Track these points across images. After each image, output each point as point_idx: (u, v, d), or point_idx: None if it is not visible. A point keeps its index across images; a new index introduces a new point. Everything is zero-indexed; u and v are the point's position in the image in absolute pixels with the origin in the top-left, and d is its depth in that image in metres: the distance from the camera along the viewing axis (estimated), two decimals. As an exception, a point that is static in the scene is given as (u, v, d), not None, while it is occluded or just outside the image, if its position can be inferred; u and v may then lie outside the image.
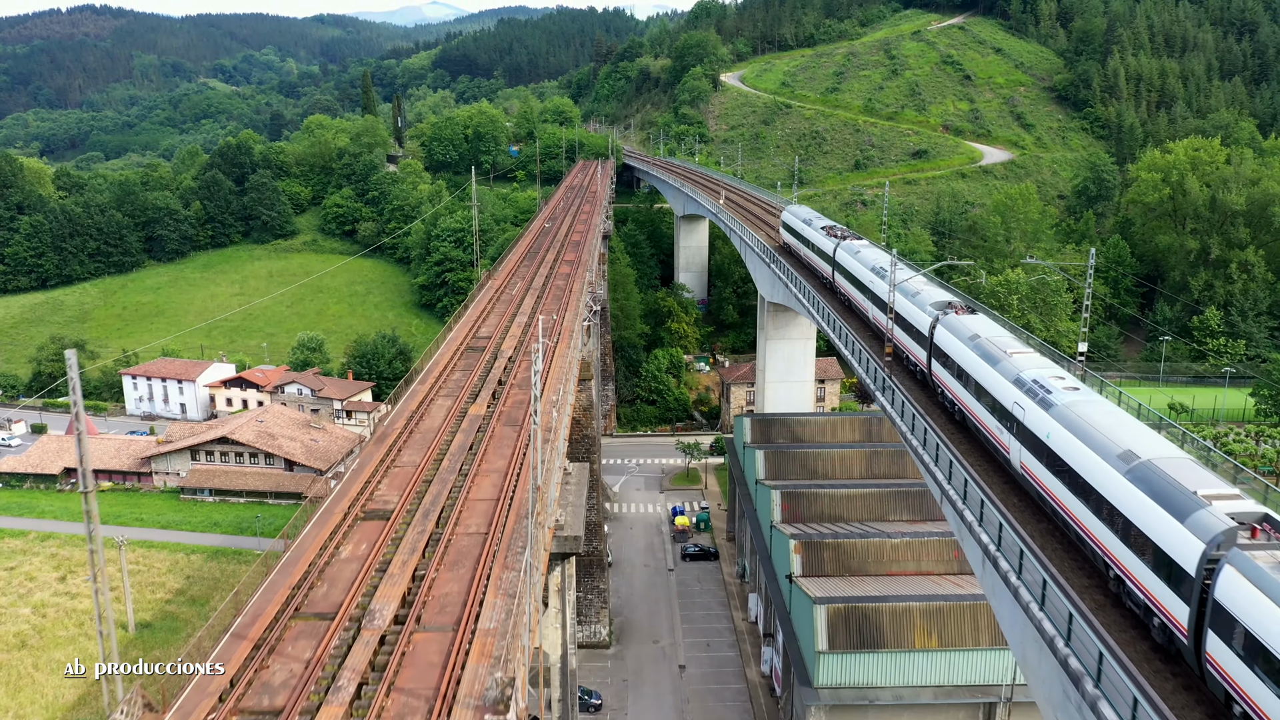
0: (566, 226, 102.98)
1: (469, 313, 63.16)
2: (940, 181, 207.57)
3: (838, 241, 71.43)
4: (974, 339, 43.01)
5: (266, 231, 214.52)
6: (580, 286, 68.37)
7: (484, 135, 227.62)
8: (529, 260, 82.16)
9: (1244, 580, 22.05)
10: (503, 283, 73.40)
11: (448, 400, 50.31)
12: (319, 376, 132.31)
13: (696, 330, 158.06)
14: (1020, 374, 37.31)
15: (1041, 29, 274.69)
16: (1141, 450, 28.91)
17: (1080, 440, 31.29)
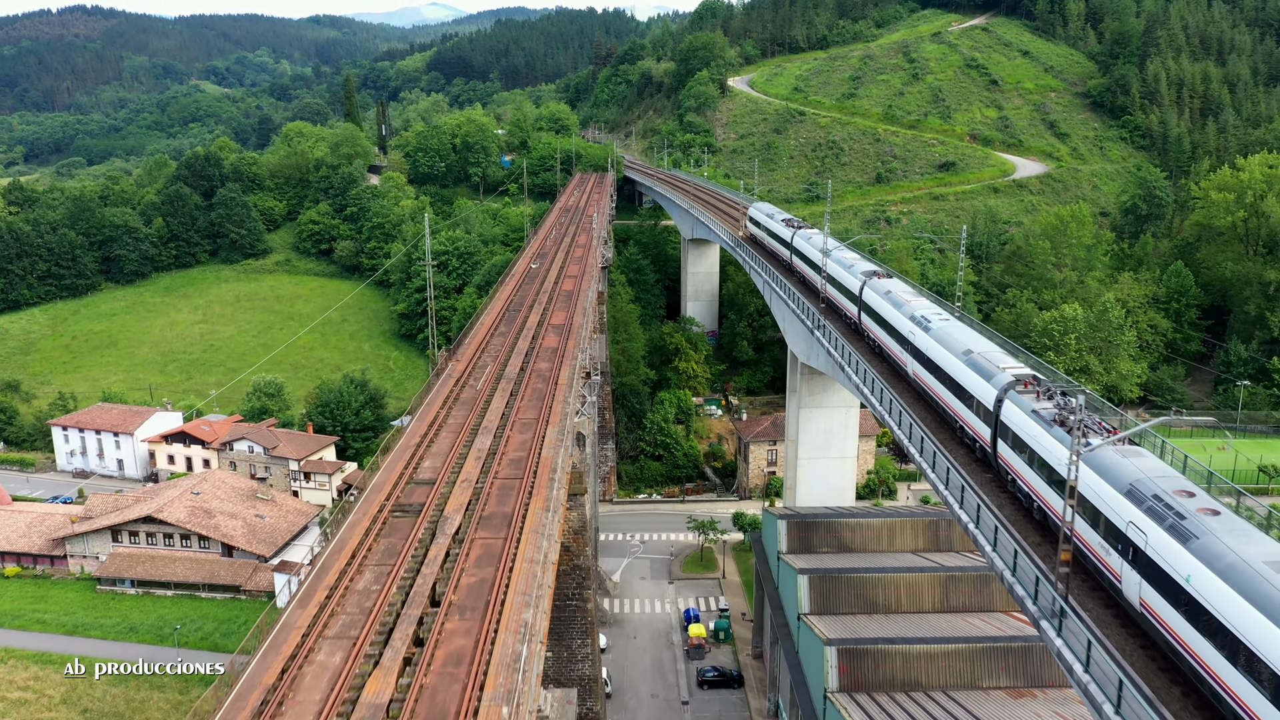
0: (557, 268, 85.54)
1: (411, 431, 44.64)
2: (971, 197, 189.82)
3: (794, 230, 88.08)
4: (888, 294, 59.23)
5: (235, 251, 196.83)
6: (570, 375, 50.72)
7: (473, 145, 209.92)
8: (506, 323, 64.50)
9: (1014, 408, 39.85)
10: (467, 368, 55.60)
11: (336, 653, 28.33)
12: (274, 430, 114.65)
13: (707, 369, 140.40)
14: (914, 313, 54.11)
15: (1070, 30, 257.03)
16: (974, 348, 46.75)
17: (943, 347, 48.64)
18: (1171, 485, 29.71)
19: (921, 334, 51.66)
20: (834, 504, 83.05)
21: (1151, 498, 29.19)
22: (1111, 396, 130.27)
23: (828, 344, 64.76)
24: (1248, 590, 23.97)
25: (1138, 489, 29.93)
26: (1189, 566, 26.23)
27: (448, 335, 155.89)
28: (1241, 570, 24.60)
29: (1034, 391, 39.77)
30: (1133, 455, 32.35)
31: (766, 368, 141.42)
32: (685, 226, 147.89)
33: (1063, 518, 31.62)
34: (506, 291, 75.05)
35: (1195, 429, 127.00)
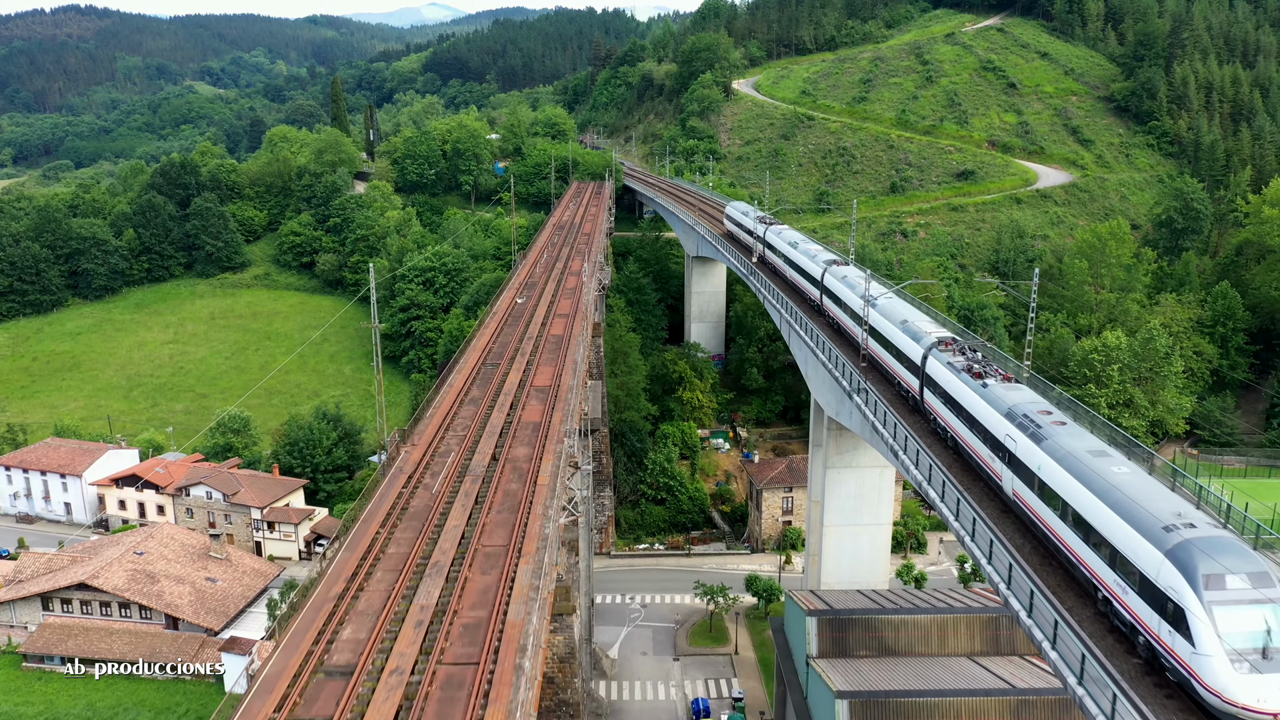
0: (546, 304, 74.11)
1: (335, 572, 31.95)
2: (992, 208, 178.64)
3: (767, 226, 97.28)
4: (844, 279, 70.48)
5: (211, 264, 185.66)
6: (555, 467, 39.45)
7: (464, 152, 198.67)
8: (481, 384, 52.68)
9: (935, 362, 48.91)
10: (424, 457, 42.31)
11: None
12: (235, 474, 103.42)
13: (713, 398, 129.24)
14: (863, 294, 63.39)
15: (1089, 31, 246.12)
16: (908, 319, 56.67)
17: (887, 320, 58.37)
18: (1036, 408, 39.83)
19: (870, 310, 62.44)
20: (864, 577, 72.04)
21: (1021, 416, 39.14)
22: (1156, 432, 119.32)
23: (870, 414, 53.72)
24: (1072, 468, 34.25)
25: (1013, 410, 40.10)
26: (1040, 459, 36.30)
27: (434, 358, 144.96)
28: (1070, 457, 34.82)
29: (951, 350, 50.08)
30: (1014, 389, 43.02)
31: (778, 396, 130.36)
32: (690, 243, 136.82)
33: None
34: (485, 337, 63.70)
35: (1250, 467, 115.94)
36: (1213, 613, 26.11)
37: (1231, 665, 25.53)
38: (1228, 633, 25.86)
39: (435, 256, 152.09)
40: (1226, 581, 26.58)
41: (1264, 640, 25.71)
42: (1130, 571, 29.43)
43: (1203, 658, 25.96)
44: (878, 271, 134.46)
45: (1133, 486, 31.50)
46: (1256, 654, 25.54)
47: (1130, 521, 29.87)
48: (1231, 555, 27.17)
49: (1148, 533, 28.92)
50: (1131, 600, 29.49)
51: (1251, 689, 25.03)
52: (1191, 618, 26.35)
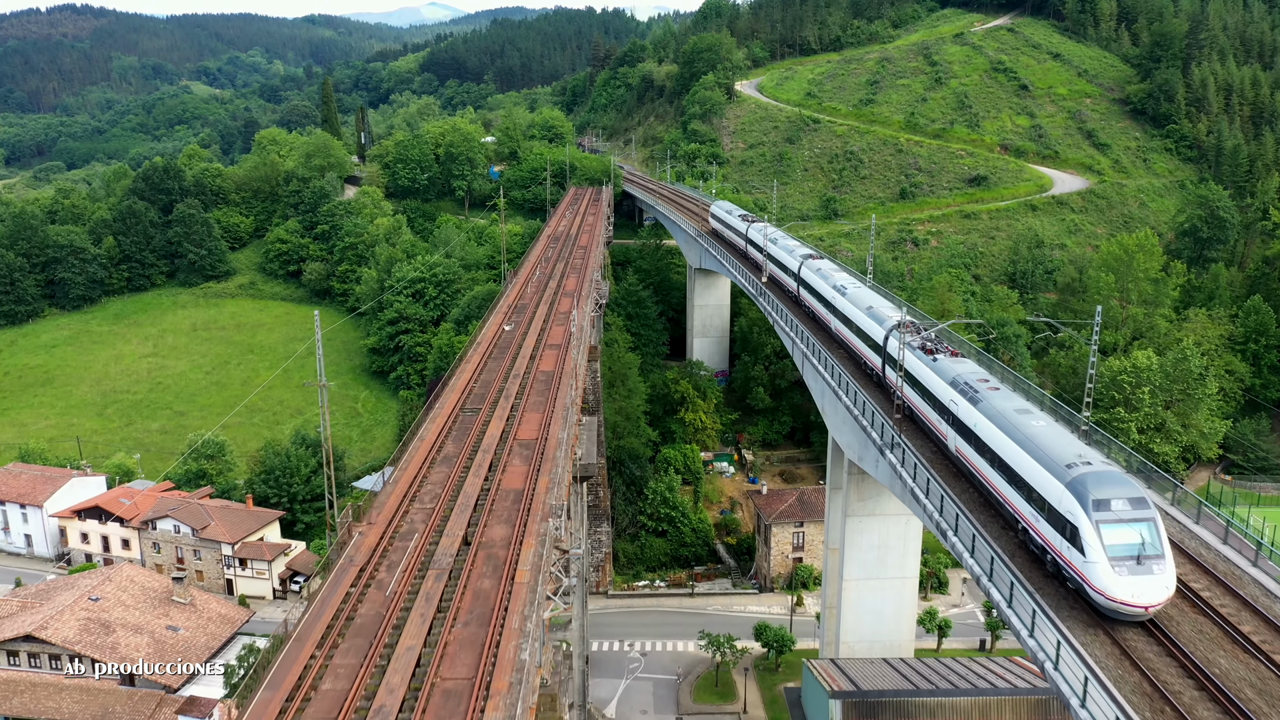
0: (537, 331, 66.99)
1: None
2: (1006, 216, 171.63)
3: (749, 224, 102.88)
4: (818, 270, 75.78)
5: (194, 273, 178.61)
6: (539, 558, 32.30)
7: (457, 156, 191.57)
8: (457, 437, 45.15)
9: (895, 342, 53.06)
10: (379, 544, 34.41)
11: None
12: (205, 505, 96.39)
13: (717, 419, 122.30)
14: (834, 283, 70.33)
15: (1102, 31, 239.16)
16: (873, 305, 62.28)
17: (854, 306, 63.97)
18: (976, 376, 46.97)
19: (840, 297, 67.78)
20: (887, 635, 65.20)
21: (963, 384, 46.29)
22: (1188, 457, 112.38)
23: (910, 479, 46.63)
24: (999, 423, 41.11)
25: (956, 379, 47.03)
26: (976, 418, 43.35)
27: (423, 374, 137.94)
28: (999, 414, 41.71)
29: (910, 331, 53.99)
30: (959, 362, 49.48)
31: (785, 417, 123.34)
32: (692, 254, 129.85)
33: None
34: (466, 374, 56.47)
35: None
36: (1099, 530, 32.15)
37: (1113, 570, 31.65)
38: (1110, 545, 31.93)
39: (425, 267, 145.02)
40: (1111, 505, 32.63)
41: (1139, 550, 31.80)
42: (1041, 503, 35.49)
43: (1091, 565, 32.14)
44: (889, 283, 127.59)
45: (1046, 435, 37.74)
46: (1132, 561, 31.69)
47: (1041, 463, 36.03)
48: (1116, 485, 33.37)
49: (1054, 470, 35.04)
50: (1042, 527, 35.49)
51: (1127, 588, 31.31)
52: (1083, 535, 32.43)
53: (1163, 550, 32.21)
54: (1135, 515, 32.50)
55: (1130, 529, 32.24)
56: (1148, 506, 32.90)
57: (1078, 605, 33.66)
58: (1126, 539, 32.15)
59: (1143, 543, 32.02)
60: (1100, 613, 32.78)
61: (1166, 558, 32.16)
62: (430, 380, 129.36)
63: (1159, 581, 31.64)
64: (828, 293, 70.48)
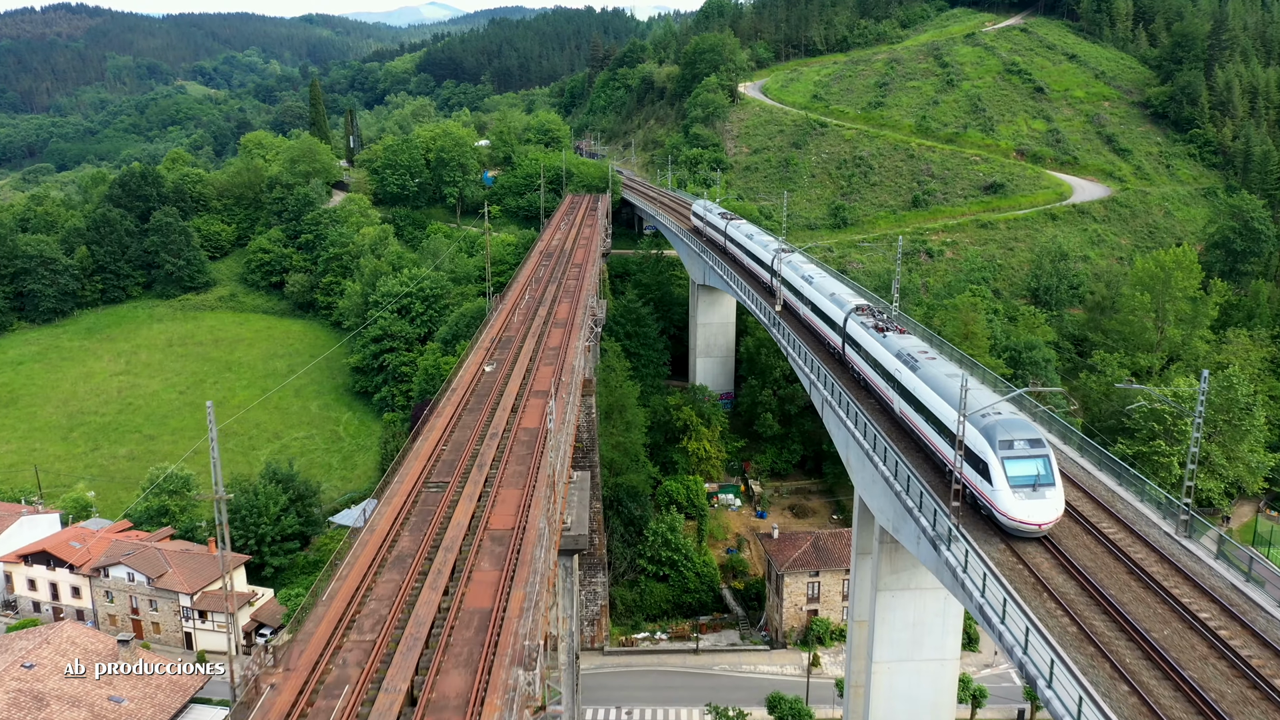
0: (522, 372, 58.34)
1: None
2: (1025, 225, 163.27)
3: (727, 220, 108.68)
4: (790, 263, 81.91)
5: (172, 284, 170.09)
6: (513, 696, 24.10)
7: (449, 161, 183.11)
8: (414, 529, 35.97)
9: (854, 324, 60.78)
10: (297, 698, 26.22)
11: None
12: (164, 550, 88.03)
13: (722, 447, 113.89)
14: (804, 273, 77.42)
15: (1118, 31, 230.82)
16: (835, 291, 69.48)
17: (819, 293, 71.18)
18: (918, 348, 53.99)
19: (804, 283, 75.39)
20: (923, 723, 56.70)
21: (906, 355, 53.13)
22: (1232, 493, 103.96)
23: (971, 584, 37.94)
24: (931, 384, 47.96)
25: (901, 352, 54.06)
26: (914, 382, 50.19)
27: (408, 395, 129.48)
28: (932, 378, 48.42)
29: (866, 313, 63.31)
30: (904, 338, 56.76)
31: (795, 445, 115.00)
32: (695, 270, 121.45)
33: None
34: (435, 435, 47.54)
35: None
36: (1004, 464, 39.74)
37: (1014, 496, 39.33)
38: (1012, 476, 39.54)
39: (412, 281, 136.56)
40: (1013, 445, 40.02)
41: (1034, 480, 39.40)
42: (973, 454, 41.51)
43: (997, 492, 39.85)
44: (904, 297, 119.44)
45: (983, 402, 43.27)
46: (1029, 488, 39.39)
47: (977, 427, 41.38)
48: (1018, 429, 40.80)
49: (971, 419, 41.60)
50: (966, 472, 42.05)
51: (1024, 509, 39.14)
52: (991, 469, 40.11)
53: (1054, 480, 39.55)
54: (1032, 453, 39.81)
55: (1028, 463, 39.54)
56: (1043, 445, 40.36)
57: (990, 529, 41.36)
58: (1025, 471, 39.43)
59: (1038, 474, 39.32)
60: (1006, 532, 40.55)
61: (1057, 486, 39.58)
62: (415, 405, 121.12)
63: (1050, 505, 39.14)
64: (797, 282, 78.65)
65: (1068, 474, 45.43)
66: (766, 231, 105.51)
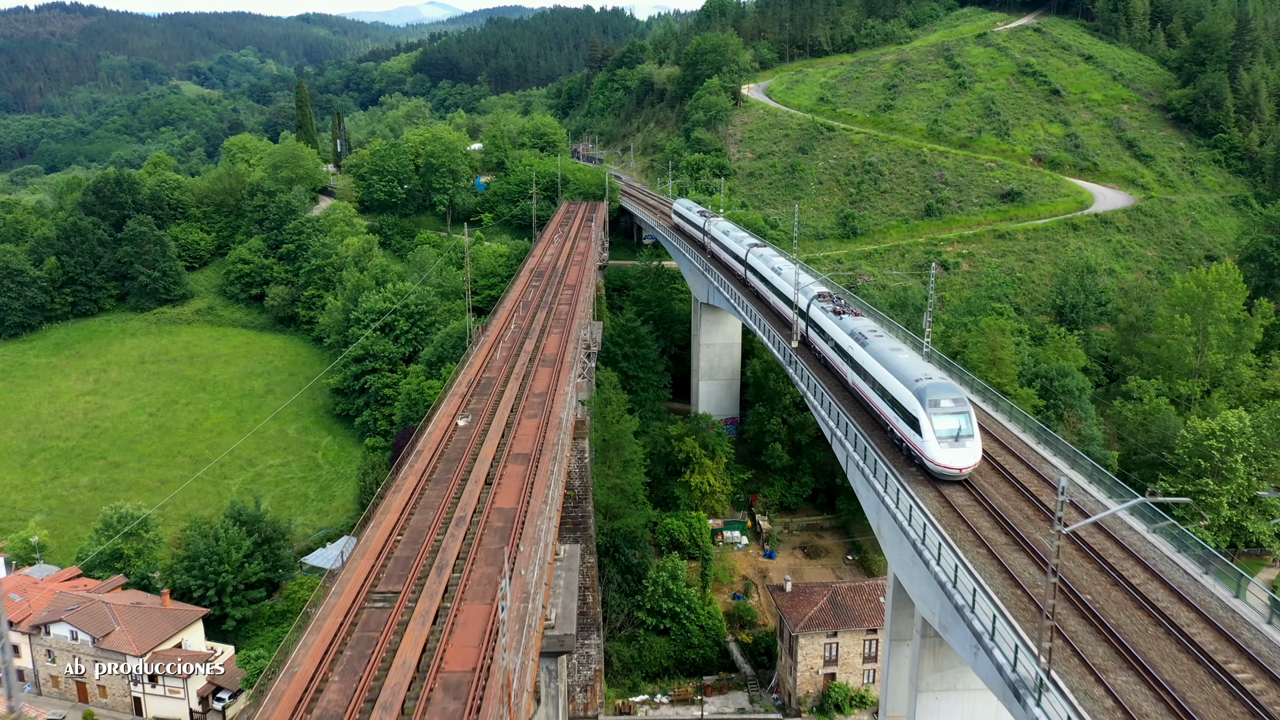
0: (501, 428, 49.72)
1: None
2: (1045, 236, 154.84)
3: (707, 218, 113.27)
4: (761, 256, 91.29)
5: (147, 296, 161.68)
6: None
7: (438, 166, 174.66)
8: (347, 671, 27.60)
9: (816, 309, 69.20)
10: None
11: None
12: (113, 604, 79.55)
13: (727, 479, 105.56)
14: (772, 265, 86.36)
15: (1135, 32, 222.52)
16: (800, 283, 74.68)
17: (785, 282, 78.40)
18: (869, 327, 61.98)
19: (773, 273, 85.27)
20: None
21: (858, 333, 60.93)
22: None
23: None
24: (878, 357, 56.00)
25: (854, 331, 61.61)
26: (864, 356, 58.39)
27: (391, 420, 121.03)
28: (879, 352, 56.52)
29: (826, 299, 71.16)
30: (858, 319, 64.79)
31: (806, 478, 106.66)
32: (699, 287, 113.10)
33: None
34: (389, 522, 38.55)
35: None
36: (932, 420, 47.76)
37: (939, 445, 47.39)
38: (938, 430, 47.56)
39: (396, 296, 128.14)
40: (940, 404, 48.00)
41: (956, 433, 47.34)
42: (900, 408, 51.12)
43: (926, 443, 47.85)
44: (919, 313, 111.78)
45: (906, 363, 53.90)
46: (952, 439, 47.36)
47: (901, 380, 51.79)
48: (945, 391, 48.97)
49: (908, 384, 50.68)
50: (900, 425, 51.14)
51: (947, 456, 47.16)
52: (922, 423, 48.09)
53: (973, 432, 47.46)
54: (956, 410, 47.54)
55: (952, 418, 47.33)
56: (965, 405, 48.07)
57: (921, 476, 48.85)
58: (949, 425, 47.26)
59: (959, 428, 47.22)
60: (934, 476, 48.22)
61: (975, 437, 47.45)
62: (398, 433, 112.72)
63: (970, 453, 47.12)
64: (767, 271, 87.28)
65: (988, 429, 53.90)
66: (741, 227, 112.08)
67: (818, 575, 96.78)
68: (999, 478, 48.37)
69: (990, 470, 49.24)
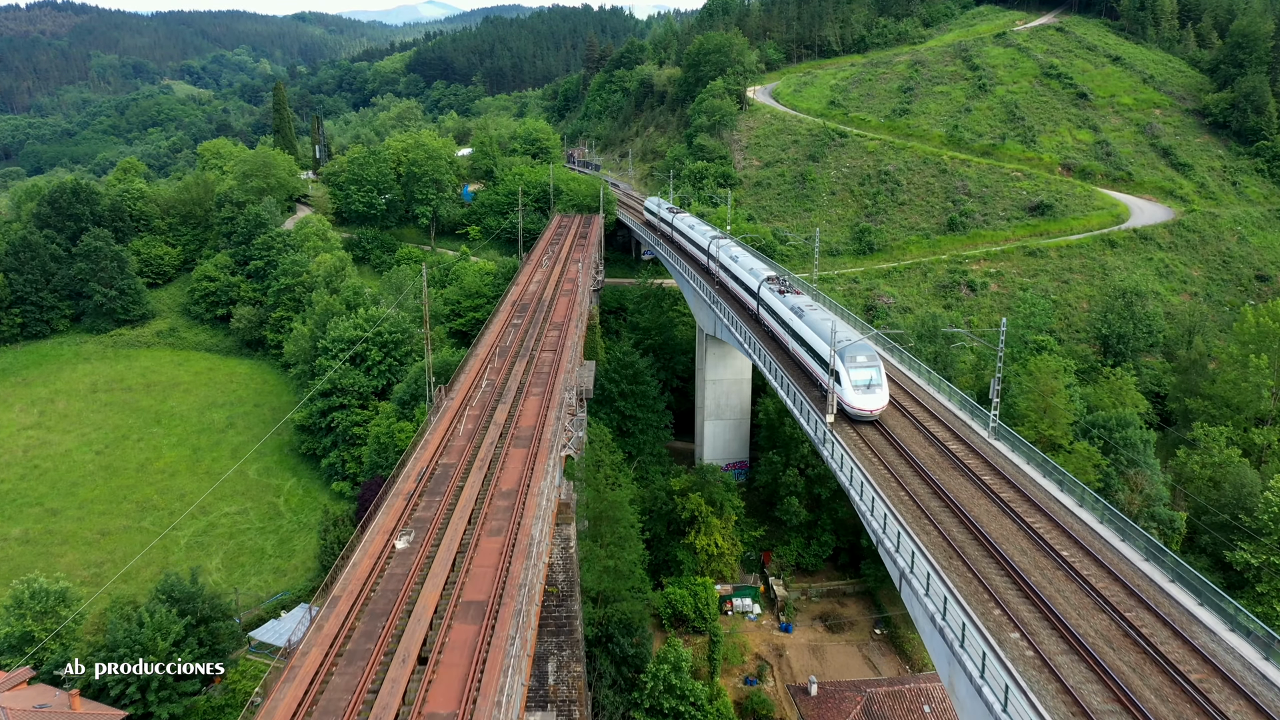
0: (452, 553, 36.67)
1: None
2: (1080, 253, 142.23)
3: (674, 213, 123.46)
4: (723, 247, 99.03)
5: (104, 317, 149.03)
6: None
7: (421, 176, 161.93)
8: None
9: (767, 291, 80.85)
10: None
11: None
12: (9, 702, 66.59)
13: (737, 537, 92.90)
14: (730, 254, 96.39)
15: (1163, 31, 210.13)
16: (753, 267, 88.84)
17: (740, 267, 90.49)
18: (806, 303, 73.60)
19: (731, 261, 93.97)
20: None
21: (797, 308, 72.32)
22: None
23: None
24: (811, 326, 67.42)
25: (795, 306, 72.95)
26: (801, 326, 69.89)
27: (361, 461, 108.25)
28: (814, 322, 67.29)
29: (773, 282, 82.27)
30: (799, 296, 76.16)
31: (827, 536, 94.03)
32: (704, 317, 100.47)
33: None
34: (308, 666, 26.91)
35: None
36: (849, 371, 59.36)
37: (854, 392, 59.13)
38: (853, 380, 59.24)
39: (369, 323, 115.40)
40: (856, 359, 59.72)
41: (869, 382, 59.21)
42: (825, 364, 61.67)
43: (845, 390, 59.51)
44: (949, 343, 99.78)
45: (841, 333, 63.72)
46: (864, 388, 59.21)
47: (827, 342, 61.74)
48: (860, 350, 60.61)
49: (838, 351, 60.50)
50: (826, 380, 61.33)
51: (861, 400, 58.99)
52: (841, 375, 59.67)
53: (882, 382, 59.99)
54: (868, 364, 59.94)
55: (865, 371, 59.71)
56: (877, 361, 60.51)
57: (842, 417, 61.12)
58: (863, 377, 59.64)
59: (871, 379, 59.61)
60: (850, 417, 60.63)
61: (884, 386, 60.12)
62: (365, 483, 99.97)
63: (879, 398, 59.60)
64: (726, 260, 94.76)
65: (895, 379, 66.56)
66: (705, 222, 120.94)
67: (841, 655, 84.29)
68: (902, 417, 61.58)
69: (895, 411, 62.39)
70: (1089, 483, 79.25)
